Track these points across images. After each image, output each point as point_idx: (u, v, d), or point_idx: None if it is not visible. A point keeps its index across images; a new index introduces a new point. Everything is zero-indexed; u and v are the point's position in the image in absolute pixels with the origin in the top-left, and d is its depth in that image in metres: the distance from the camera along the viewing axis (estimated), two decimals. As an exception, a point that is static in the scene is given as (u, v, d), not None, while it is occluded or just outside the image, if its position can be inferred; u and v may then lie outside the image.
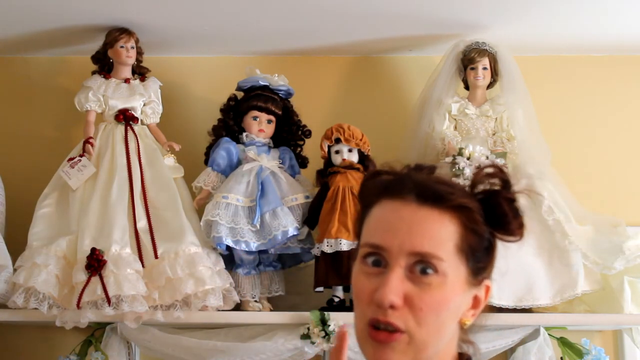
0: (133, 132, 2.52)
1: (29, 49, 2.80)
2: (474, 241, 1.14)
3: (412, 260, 1.11)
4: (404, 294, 1.10)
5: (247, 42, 2.78)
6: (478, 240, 1.15)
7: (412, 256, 1.11)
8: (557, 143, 2.69)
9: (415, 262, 1.11)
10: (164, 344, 2.37)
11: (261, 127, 2.54)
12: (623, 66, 2.88)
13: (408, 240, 1.11)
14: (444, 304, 1.11)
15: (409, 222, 1.13)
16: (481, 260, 1.16)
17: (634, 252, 2.43)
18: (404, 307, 1.10)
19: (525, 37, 2.71)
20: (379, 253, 1.13)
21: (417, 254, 1.11)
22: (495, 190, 1.16)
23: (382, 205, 1.16)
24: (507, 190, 1.16)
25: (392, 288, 1.10)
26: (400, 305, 1.10)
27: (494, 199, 1.16)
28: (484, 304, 1.18)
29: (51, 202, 2.46)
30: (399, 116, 2.78)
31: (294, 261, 2.57)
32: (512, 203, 1.16)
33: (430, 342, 1.12)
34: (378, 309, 1.11)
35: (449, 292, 1.12)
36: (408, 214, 1.13)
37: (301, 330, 2.32)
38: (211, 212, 2.38)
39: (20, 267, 2.29)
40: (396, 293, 1.10)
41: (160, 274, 2.27)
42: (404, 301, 1.10)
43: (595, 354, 2.37)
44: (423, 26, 2.64)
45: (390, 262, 1.12)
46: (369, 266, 1.14)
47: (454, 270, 1.12)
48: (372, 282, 1.13)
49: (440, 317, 1.11)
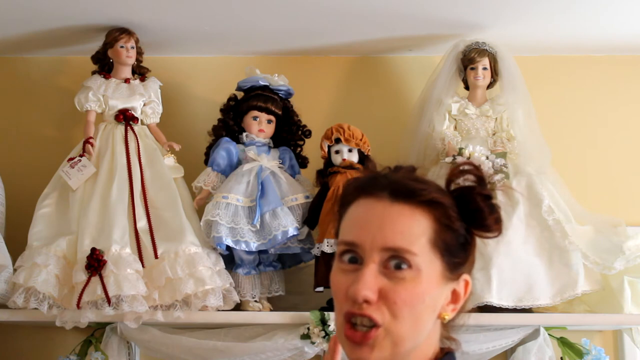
0: (133, 132, 2.52)
1: (29, 49, 2.80)
2: (449, 236, 1.16)
3: (386, 255, 1.14)
4: (379, 288, 1.13)
5: (247, 42, 2.78)
6: (453, 236, 1.17)
7: (385, 251, 1.14)
8: (557, 143, 2.69)
9: (389, 257, 1.14)
10: (164, 344, 2.37)
11: (261, 127, 2.54)
12: (623, 66, 2.88)
13: (380, 236, 1.14)
14: (418, 298, 1.13)
15: (381, 218, 1.15)
16: (457, 255, 1.18)
17: (634, 252, 2.43)
18: (378, 302, 1.13)
19: (525, 37, 2.71)
20: (354, 250, 1.16)
21: (390, 249, 1.13)
22: (469, 187, 1.19)
23: (357, 204, 1.19)
24: (481, 187, 1.18)
25: (365, 283, 1.12)
26: (375, 299, 1.12)
27: (469, 195, 1.18)
28: (465, 299, 1.20)
29: (51, 202, 2.46)
30: (399, 116, 2.78)
31: (294, 261, 2.57)
32: (487, 199, 1.18)
33: (407, 336, 1.14)
34: (354, 304, 1.14)
35: (424, 286, 1.14)
36: (380, 210, 1.16)
37: (301, 330, 2.32)
38: (211, 212, 2.38)
39: (20, 267, 2.29)
40: (370, 288, 1.12)
41: (160, 274, 2.27)
42: (378, 296, 1.13)
43: (595, 354, 2.37)
44: (423, 26, 2.64)
45: (365, 258, 1.15)
46: (346, 263, 1.17)
47: (428, 264, 1.14)
48: (348, 278, 1.15)
49: (416, 311, 1.13)
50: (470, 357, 2.37)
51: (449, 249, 1.16)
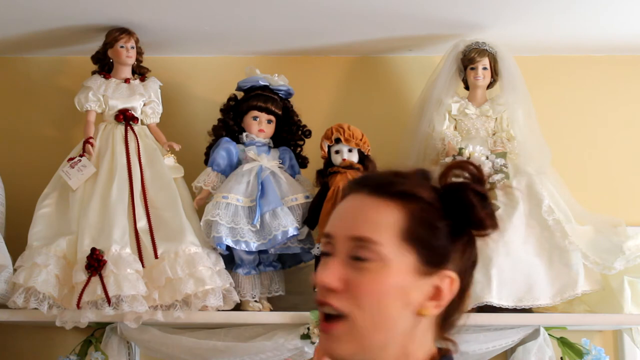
0: (133, 132, 2.52)
1: (29, 49, 2.80)
2: (425, 231, 1.15)
3: (352, 245, 1.14)
4: (345, 279, 1.13)
5: (247, 42, 2.78)
6: (430, 231, 1.15)
7: (351, 241, 1.14)
8: (557, 143, 2.69)
9: (355, 247, 1.14)
10: (164, 344, 2.37)
11: (261, 127, 2.54)
12: (623, 66, 2.88)
13: (350, 226, 1.16)
14: (383, 289, 1.12)
15: (353, 210, 1.17)
16: (435, 251, 1.16)
17: (634, 252, 2.43)
18: (344, 292, 1.13)
19: (525, 37, 2.71)
20: (329, 242, 1.18)
21: (356, 238, 1.14)
22: (461, 183, 1.18)
23: (343, 201, 1.22)
24: (475, 184, 1.17)
25: (328, 270, 1.14)
26: (337, 287, 1.13)
27: (460, 191, 1.17)
28: (450, 296, 1.17)
29: (51, 202, 2.46)
30: (399, 116, 2.78)
31: (294, 261, 2.57)
32: (479, 195, 1.16)
33: (373, 329, 1.13)
34: (322, 292, 1.15)
35: (390, 278, 1.13)
36: (356, 203, 1.18)
37: (301, 330, 2.32)
38: (211, 212, 2.38)
39: (20, 267, 2.29)
40: (333, 276, 1.14)
41: (160, 274, 2.27)
42: (344, 286, 1.13)
43: (595, 354, 2.37)
44: (423, 26, 2.64)
45: (336, 249, 1.16)
46: (325, 256, 1.19)
47: (399, 256, 1.13)
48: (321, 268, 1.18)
49: (382, 303, 1.12)
50: (470, 357, 2.37)
51: (425, 243, 1.15)
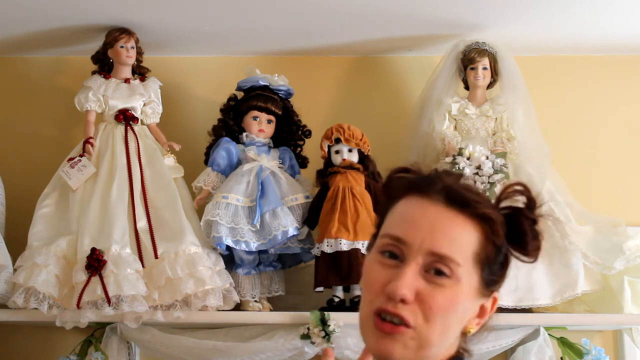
0: (133, 132, 2.52)
1: (29, 49, 2.79)
2: (492, 253, 1.16)
3: (430, 259, 1.12)
4: (416, 290, 1.12)
5: (247, 42, 2.78)
6: (496, 253, 1.16)
7: (430, 255, 1.12)
8: (557, 143, 2.69)
9: (433, 261, 1.12)
10: (164, 344, 2.37)
11: (261, 127, 2.54)
12: (623, 66, 2.88)
13: (429, 239, 1.13)
14: (452, 307, 1.12)
15: (433, 221, 1.14)
16: (495, 272, 1.17)
17: (634, 252, 2.43)
18: (414, 303, 1.12)
19: (525, 37, 2.71)
20: (398, 246, 1.14)
21: (436, 255, 1.12)
22: (520, 208, 1.17)
23: (409, 200, 1.18)
24: (530, 210, 1.17)
25: (406, 282, 1.11)
26: (411, 300, 1.11)
27: (517, 216, 1.16)
28: (490, 316, 1.20)
29: (51, 202, 2.46)
30: (399, 116, 2.78)
31: (294, 261, 2.57)
32: (533, 224, 1.16)
33: (434, 341, 1.13)
34: (388, 301, 1.12)
35: (460, 297, 1.13)
36: (434, 213, 1.15)
37: (301, 330, 2.32)
38: (211, 212, 2.38)
39: (20, 267, 2.29)
40: (409, 287, 1.11)
41: (160, 274, 2.27)
42: (415, 297, 1.12)
43: (595, 354, 2.37)
44: (423, 26, 2.64)
45: (408, 257, 1.13)
46: (386, 257, 1.15)
47: (468, 276, 1.14)
48: (387, 273, 1.14)
49: (448, 319, 1.13)
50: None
51: (490, 265, 1.16)
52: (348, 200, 2.40)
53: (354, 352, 2.29)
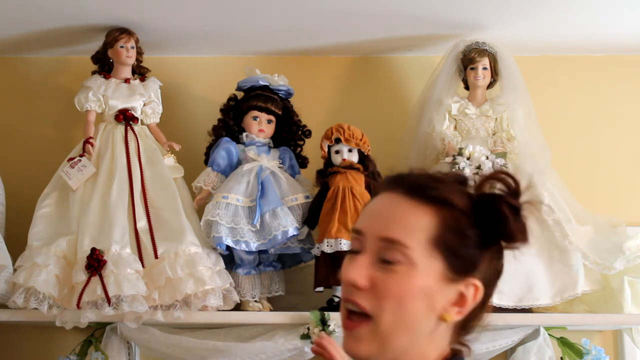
0: (133, 132, 2.52)
1: (29, 49, 2.80)
2: (454, 239, 1.14)
3: (381, 245, 1.14)
4: (371, 277, 1.13)
5: (247, 42, 2.78)
6: (459, 239, 1.15)
7: (382, 241, 1.14)
8: (557, 143, 2.69)
9: (384, 247, 1.14)
10: (164, 344, 2.37)
11: (261, 127, 2.54)
12: (623, 66, 2.88)
13: (381, 226, 1.15)
14: (408, 293, 1.12)
15: (387, 210, 1.16)
16: (463, 259, 1.15)
17: (634, 252, 2.43)
18: (370, 291, 1.13)
19: (525, 37, 2.71)
20: (359, 239, 1.17)
21: (386, 239, 1.13)
22: (497, 195, 1.17)
23: (377, 197, 1.21)
24: (511, 196, 1.16)
25: (355, 267, 1.13)
26: (365, 285, 1.13)
27: (494, 202, 1.16)
28: (473, 304, 1.17)
29: (51, 202, 2.46)
30: (399, 116, 2.78)
31: (294, 261, 2.57)
32: (513, 208, 1.15)
33: (396, 331, 1.13)
34: (347, 289, 1.15)
35: (416, 282, 1.12)
36: (390, 202, 1.17)
37: (301, 330, 2.32)
38: (211, 212, 2.38)
39: (20, 267, 2.29)
40: (360, 273, 1.13)
41: (160, 274, 2.27)
42: (370, 285, 1.13)
43: (595, 354, 2.37)
44: (423, 26, 2.64)
45: (365, 246, 1.16)
46: (352, 252, 1.18)
47: (426, 261, 1.13)
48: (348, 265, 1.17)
49: (406, 307, 1.12)
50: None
51: (454, 251, 1.14)
52: (348, 200, 2.40)
53: (354, 352, 2.29)
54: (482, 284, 1.17)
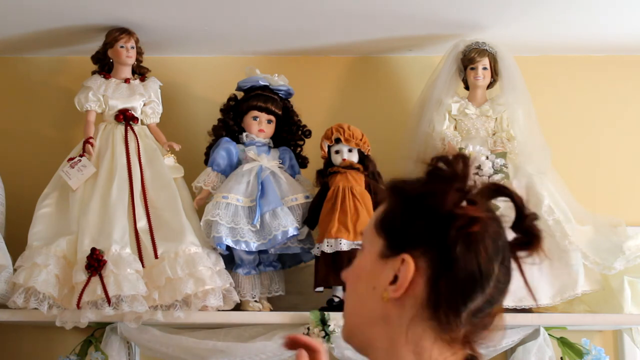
0: (133, 132, 2.52)
1: (29, 49, 2.79)
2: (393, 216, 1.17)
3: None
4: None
5: (247, 42, 2.78)
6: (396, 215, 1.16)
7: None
8: (557, 143, 2.69)
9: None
10: (164, 344, 2.37)
11: (261, 127, 2.54)
12: (623, 66, 2.88)
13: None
14: (356, 273, 1.20)
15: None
16: (399, 233, 1.14)
17: (634, 252, 2.43)
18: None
19: (525, 37, 2.71)
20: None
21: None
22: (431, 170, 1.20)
23: None
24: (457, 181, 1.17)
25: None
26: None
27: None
28: (405, 279, 1.11)
29: (51, 202, 2.46)
30: (399, 116, 2.78)
31: (294, 261, 2.57)
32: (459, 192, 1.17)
33: (349, 312, 1.21)
34: None
35: (362, 262, 1.20)
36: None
37: (301, 330, 2.31)
38: (211, 212, 2.38)
39: (20, 267, 2.29)
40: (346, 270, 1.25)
41: (160, 274, 2.27)
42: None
43: (595, 354, 2.37)
44: (423, 26, 2.64)
45: None
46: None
47: (371, 242, 1.19)
48: None
49: (355, 288, 1.20)
50: (470, 357, 2.37)
51: (392, 227, 1.16)
52: (348, 200, 2.40)
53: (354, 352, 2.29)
54: (412, 258, 1.12)
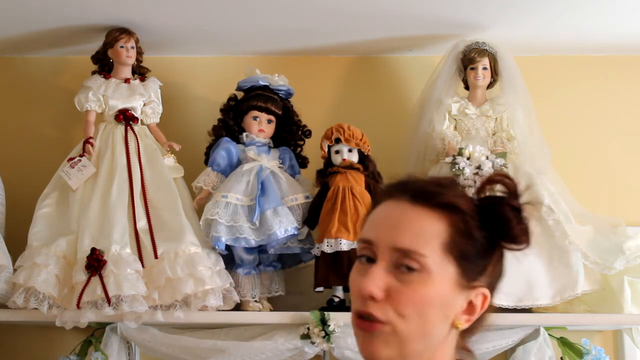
0: (133, 132, 2.52)
1: (29, 49, 2.80)
2: (465, 243, 1.15)
3: (396, 255, 1.14)
4: (387, 287, 1.13)
5: (247, 42, 2.78)
6: (470, 243, 1.16)
7: (395, 252, 1.14)
8: (557, 143, 2.69)
9: (399, 257, 1.14)
10: (164, 344, 2.37)
11: (261, 127, 2.54)
12: (624, 66, 2.88)
13: (392, 236, 1.15)
14: (426, 300, 1.13)
15: (396, 219, 1.16)
16: (474, 263, 1.16)
17: (634, 252, 2.43)
18: (385, 301, 1.13)
19: (525, 37, 2.71)
20: (370, 248, 1.17)
21: (400, 250, 1.14)
22: (498, 197, 1.18)
23: (381, 206, 1.21)
24: (512, 198, 1.17)
25: (372, 279, 1.13)
26: (381, 297, 1.13)
27: (497, 205, 1.17)
28: (480, 313, 1.19)
29: (51, 202, 2.46)
30: (399, 116, 2.78)
31: (294, 261, 2.57)
32: (516, 210, 1.16)
33: (414, 336, 1.13)
34: (361, 301, 1.15)
35: (433, 289, 1.13)
36: (398, 211, 1.17)
37: (301, 330, 2.32)
38: (210, 211, 2.38)
39: (20, 267, 2.29)
40: (376, 284, 1.13)
41: (160, 274, 2.27)
42: (385, 295, 1.13)
43: (595, 354, 2.37)
44: (423, 26, 2.64)
45: (378, 257, 1.15)
46: (363, 262, 1.18)
47: (440, 267, 1.14)
48: (361, 276, 1.16)
49: (424, 313, 1.13)
50: (470, 357, 2.37)
51: (465, 255, 1.15)
52: (348, 200, 2.40)
53: (354, 352, 2.29)
54: (489, 292, 1.19)
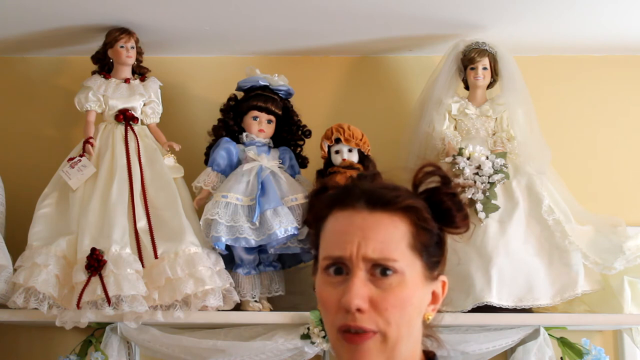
0: (133, 132, 2.52)
1: (29, 49, 2.80)
2: (425, 237, 1.20)
3: (369, 265, 1.17)
4: (369, 297, 1.16)
5: (247, 42, 2.78)
6: (429, 236, 1.21)
7: (368, 262, 1.17)
8: (557, 143, 2.69)
9: (372, 266, 1.17)
10: (164, 344, 2.37)
11: (261, 127, 2.54)
12: (623, 66, 2.88)
13: (364, 247, 1.17)
14: (407, 301, 1.17)
15: (362, 229, 1.18)
16: (434, 254, 1.22)
17: (634, 252, 2.42)
18: (370, 310, 1.15)
19: (525, 37, 2.71)
20: (340, 263, 1.19)
21: (372, 260, 1.16)
22: (436, 188, 1.23)
23: (335, 217, 1.22)
24: (446, 186, 1.22)
25: (356, 293, 1.15)
26: (367, 308, 1.15)
27: (437, 195, 1.22)
28: (442, 299, 1.24)
29: (51, 202, 2.46)
30: (399, 116, 2.78)
31: (294, 261, 2.57)
32: (453, 197, 1.22)
33: (402, 338, 1.17)
34: (347, 315, 1.16)
35: (409, 289, 1.17)
36: (360, 221, 1.19)
37: (301, 330, 2.32)
38: (210, 211, 2.38)
39: (20, 267, 2.29)
40: (361, 297, 1.15)
41: (160, 274, 2.27)
42: (369, 304, 1.15)
43: (595, 354, 2.37)
44: (423, 26, 2.64)
45: (352, 269, 1.17)
46: (332, 276, 1.19)
47: (410, 267, 1.18)
48: (338, 290, 1.18)
49: (406, 314, 1.17)
50: (470, 357, 2.37)
51: (427, 249, 1.20)
52: (348, 200, 2.40)
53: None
54: (446, 278, 1.25)
